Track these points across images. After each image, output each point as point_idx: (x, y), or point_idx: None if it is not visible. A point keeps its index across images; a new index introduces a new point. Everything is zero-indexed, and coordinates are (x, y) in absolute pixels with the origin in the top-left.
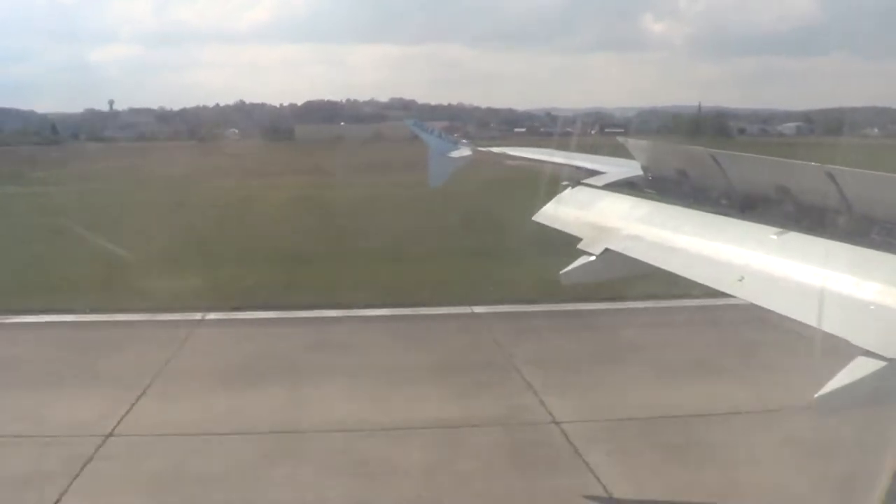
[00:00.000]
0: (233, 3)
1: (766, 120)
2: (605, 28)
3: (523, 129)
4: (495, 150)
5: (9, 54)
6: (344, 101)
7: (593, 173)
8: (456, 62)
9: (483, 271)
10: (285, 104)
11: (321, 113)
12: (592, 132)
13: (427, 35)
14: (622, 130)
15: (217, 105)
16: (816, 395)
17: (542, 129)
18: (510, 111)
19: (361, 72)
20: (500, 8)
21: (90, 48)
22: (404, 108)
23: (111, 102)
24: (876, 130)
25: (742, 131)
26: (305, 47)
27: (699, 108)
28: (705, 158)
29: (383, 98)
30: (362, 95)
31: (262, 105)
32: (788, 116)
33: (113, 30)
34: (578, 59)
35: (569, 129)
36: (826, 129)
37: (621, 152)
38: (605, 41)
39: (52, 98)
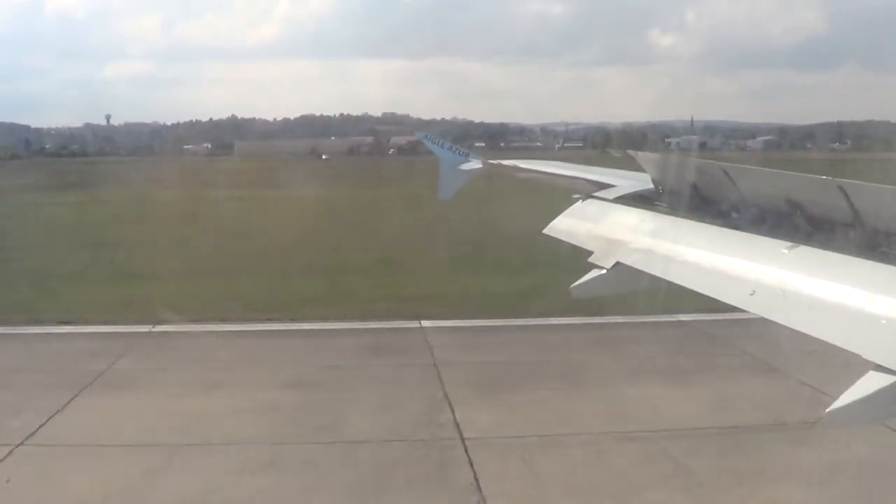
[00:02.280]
0: (241, 19)
1: (755, 134)
2: (612, 42)
3: (482, 144)
4: (506, 162)
5: (10, 71)
6: (337, 115)
7: (604, 186)
8: (463, 77)
9: None
10: (279, 119)
11: (312, 128)
12: (557, 147)
13: (434, 50)
14: (581, 145)
15: (210, 120)
16: (827, 410)
17: (501, 144)
18: (502, 125)
19: (367, 86)
20: (508, 22)
21: (99, 65)
22: (397, 122)
23: (108, 117)
24: (848, 143)
25: (703, 145)
26: (313, 63)
27: (692, 122)
28: (716, 171)
29: (377, 113)
30: (357, 110)
31: (253, 120)
32: (781, 130)
33: (120, 47)
34: (586, 74)
35: (539, 143)
36: (790, 143)
37: (633, 165)
38: (613, 55)
39: (54, 113)
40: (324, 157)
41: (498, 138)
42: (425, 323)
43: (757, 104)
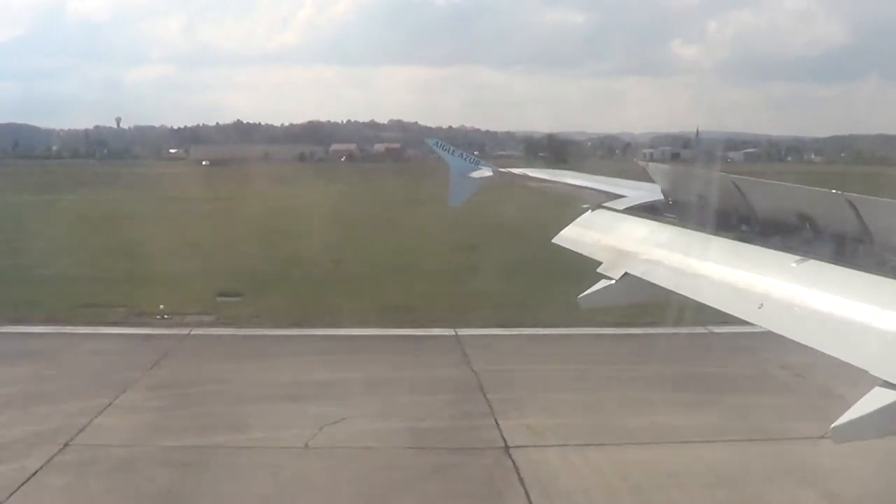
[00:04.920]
0: (264, 24)
1: (769, 145)
2: (633, 53)
3: None
4: (516, 171)
5: (24, 72)
6: (344, 121)
7: (613, 197)
8: (482, 85)
9: None
10: (285, 124)
11: (317, 134)
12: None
13: (455, 57)
14: (545, 154)
15: (217, 124)
16: (833, 426)
17: (476, 152)
18: (507, 134)
19: (384, 93)
20: (530, 32)
21: (116, 68)
22: (403, 129)
23: (118, 120)
24: (822, 156)
25: (676, 155)
26: (334, 69)
27: (697, 133)
28: (726, 183)
29: (383, 119)
30: (365, 116)
31: (258, 125)
32: (793, 142)
33: (138, 50)
34: (606, 84)
35: (513, 153)
36: (769, 155)
37: (643, 176)
38: (634, 66)
39: (71, 114)
40: (203, 163)
41: (480, 147)
42: None
43: (774, 115)
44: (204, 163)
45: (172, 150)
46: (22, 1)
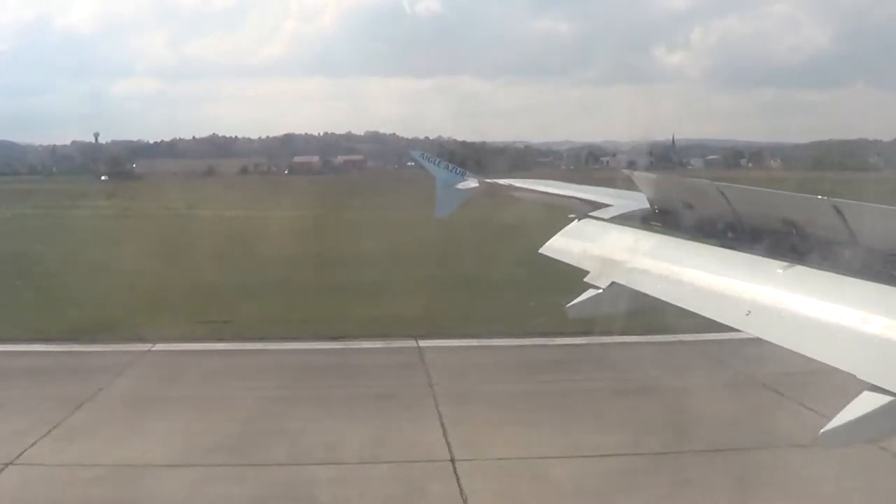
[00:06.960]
0: (248, 37)
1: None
2: (619, 61)
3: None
4: (502, 181)
5: (9, 88)
6: (321, 134)
7: (599, 206)
8: (465, 95)
9: None
10: (263, 137)
11: (290, 147)
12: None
13: (438, 68)
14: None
15: (194, 138)
16: (822, 431)
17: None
18: (483, 144)
19: (367, 104)
20: (515, 42)
21: (98, 82)
22: (378, 141)
23: (96, 135)
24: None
25: (633, 163)
26: (318, 81)
27: (673, 141)
28: (712, 191)
29: (360, 131)
30: (342, 128)
31: (235, 138)
32: (776, 150)
33: (119, 64)
34: (592, 92)
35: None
36: (728, 163)
37: (629, 185)
38: (620, 74)
39: (55, 130)
40: (103, 178)
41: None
42: None
43: (758, 121)
44: (103, 178)
45: (135, 165)
46: (4, 17)
